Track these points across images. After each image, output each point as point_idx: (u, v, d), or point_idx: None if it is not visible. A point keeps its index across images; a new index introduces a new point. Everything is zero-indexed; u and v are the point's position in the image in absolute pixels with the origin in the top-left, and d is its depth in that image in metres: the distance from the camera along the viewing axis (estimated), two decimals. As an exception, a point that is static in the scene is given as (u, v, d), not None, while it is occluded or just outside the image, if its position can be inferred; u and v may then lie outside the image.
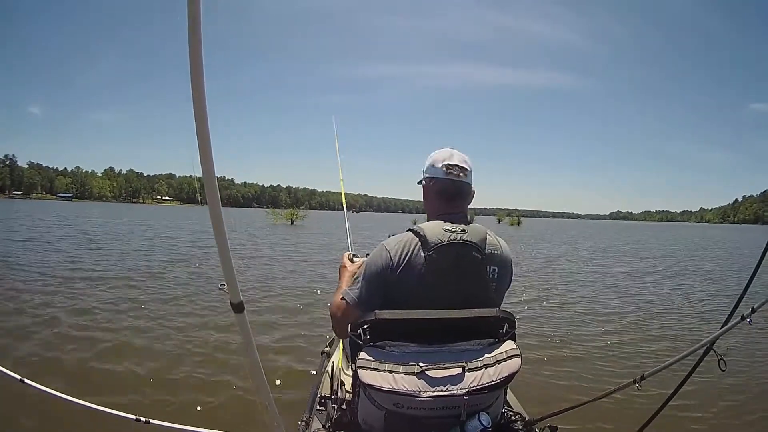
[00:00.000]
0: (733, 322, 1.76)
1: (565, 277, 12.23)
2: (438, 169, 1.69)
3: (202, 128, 0.97)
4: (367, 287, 1.60)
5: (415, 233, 1.59)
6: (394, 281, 1.56)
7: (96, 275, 9.23)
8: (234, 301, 1.25)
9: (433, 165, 1.70)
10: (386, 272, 1.56)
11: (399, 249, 1.57)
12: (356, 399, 1.58)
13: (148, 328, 5.63)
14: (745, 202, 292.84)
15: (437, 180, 1.70)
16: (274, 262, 13.13)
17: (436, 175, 1.70)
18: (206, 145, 0.99)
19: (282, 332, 5.78)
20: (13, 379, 2.05)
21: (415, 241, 1.57)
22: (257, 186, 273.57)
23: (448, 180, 1.68)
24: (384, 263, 1.57)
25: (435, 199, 1.72)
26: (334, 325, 1.73)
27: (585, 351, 5.58)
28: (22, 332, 5.16)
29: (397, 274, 1.55)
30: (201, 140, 0.99)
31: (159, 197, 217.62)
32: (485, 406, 1.49)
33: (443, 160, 1.68)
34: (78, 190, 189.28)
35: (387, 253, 1.57)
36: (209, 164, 1.02)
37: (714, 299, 9.74)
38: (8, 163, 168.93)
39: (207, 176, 1.03)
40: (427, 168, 1.73)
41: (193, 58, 0.89)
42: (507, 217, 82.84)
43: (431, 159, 1.72)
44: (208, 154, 1.00)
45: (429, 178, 1.73)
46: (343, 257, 2.05)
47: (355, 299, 1.60)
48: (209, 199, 1.07)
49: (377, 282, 1.58)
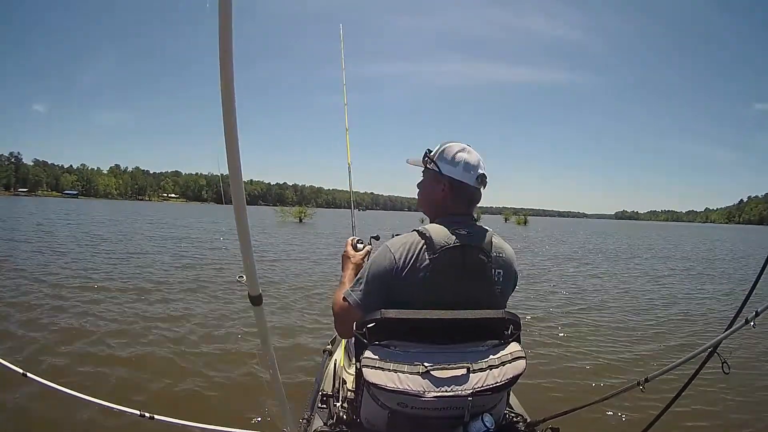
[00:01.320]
0: (737, 325, 1.75)
1: (581, 279, 12.18)
2: (470, 175, 1.62)
3: (230, 127, 1.00)
4: (370, 289, 1.57)
5: (421, 234, 1.56)
6: (398, 284, 1.53)
7: (104, 273, 9.17)
8: (253, 293, 1.28)
9: (465, 169, 1.62)
10: (390, 274, 1.53)
11: (404, 251, 1.54)
12: (359, 397, 1.58)
13: (152, 323, 5.62)
14: (750, 203, 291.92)
15: (467, 186, 1.64)
16: (281, 259, 13.14)
17: (465, 180, 1.62)
18: (233, 142, 1.03)
19: (285, 329, 5.78)
20: (16, 373, 2.06)
21: (421, 243, 1.54)
22: (263, 184, 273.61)
23: (477, 190, 1.66)
24: (388, 265, 1.54)
25: (454, 202, 1.66)
26: (336, 324, 1.71)
27: (588, 352, 5.55)
28: (25, 327, 5.17)
29: (401, 276, 1.53)
30: (228, 138, 1.02)
31: (165, 195, 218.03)
32: (489, 408, 1.49)
33: (476, 167, 1.63)
34: (84, 188, 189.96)
35: (391, 255, 1.54)
36: (236, 164, 1.05)
37: (718, 302, 9.69)
38: (13, 160, 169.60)
39: (233, 173, 1.07)
40: (454, 167, 1.63)
41: (223, 58, 0.92)
42: (513, 216, 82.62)
43: (460, 159, 1.63)
44: (235, 151, 1.04)
45: (456, 180, 1.63)
46: (347, 244, 2.00)
47: (358, 301, 1.58)
48: (234, 195, 1.12)
49: (380, 284, 1.56)
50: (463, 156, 1.63)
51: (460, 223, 1.59)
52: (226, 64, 0.92)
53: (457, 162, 1.63)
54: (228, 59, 0.92)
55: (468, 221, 1.63)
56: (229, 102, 0.97)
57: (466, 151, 1.64)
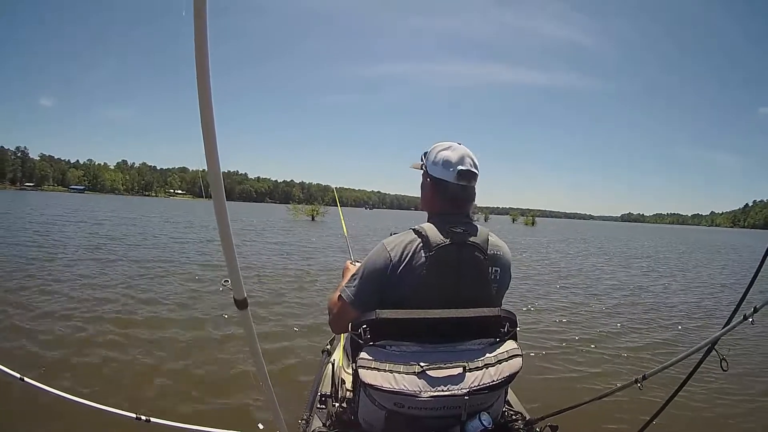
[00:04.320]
0: (735, 322, 1.74)
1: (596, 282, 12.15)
2: (449, 172, 1.60)
3: (208, 123, 0.95)
4: (365, 286, 1.58)
5: (417, 233, 1.56)
6: (393, 281, 1.54)
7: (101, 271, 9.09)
8: (238, 297, 1.23)
9: (443, 165, 1.61)
10: (385, 272, 1.54)
11: (400, 249, 1.54)
12: (357, 398, 1.58)
13: (148, 326, 5.54)
14: (755, 207, 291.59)
15: (446, 183, 1.61)
16: (284, 257, 13.11)
17: (445, 177, 1.61)
18: (211, 139, 0.97)
19: (283, 329, 5.73)
20: (13, 377, 2.03)
21: (417, 241, 1.54)
22: (270, 181, 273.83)
23: (459, 186, 1.61)
24: (383, 263, 1.55)
25: (439, 200, 1.65)
26: (329, 320, 1.72)
27: (586, 350, 5.56)
28: (22, 331, 5.06)
29: (396, 273, 1.53)
30: (206, 134, 0.96)
31: (172, 191, 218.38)
32: (486, 406, 1.50)
33: (456, 164, 1.60)
34: (90, 183, 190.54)
35: (387, 253, 1.55)
36: (214, 159, 0.99)
37: (716, 299, 9.73)
38: (20, 154, 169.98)
39: (212, 171, 1.01)
40: (435, 166, 1.63)
41: (198, 53, 0.87)
42: (521, 216, 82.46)
43: (439, 156, 1.63)
44: (213, 148, 0.98)
45: (437, 179, 1.63)
46: (347, 263, 2.14)
47: (352, 297, 1.58)
48: (214, 195, 1.05)
49: (375, 281, 1.56)
50: (444, 154, 1.62)
51: (455, 222, 1.59)
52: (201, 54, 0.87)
53: (438, 160, 1.63)
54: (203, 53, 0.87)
55: (462, 219, 1.62)
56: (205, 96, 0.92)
57: (450, 149, 1.63)
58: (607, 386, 2.40)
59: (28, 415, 3.20)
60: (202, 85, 0.91)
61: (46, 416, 3.16)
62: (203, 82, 0.91)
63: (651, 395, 3.17)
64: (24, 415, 3.21)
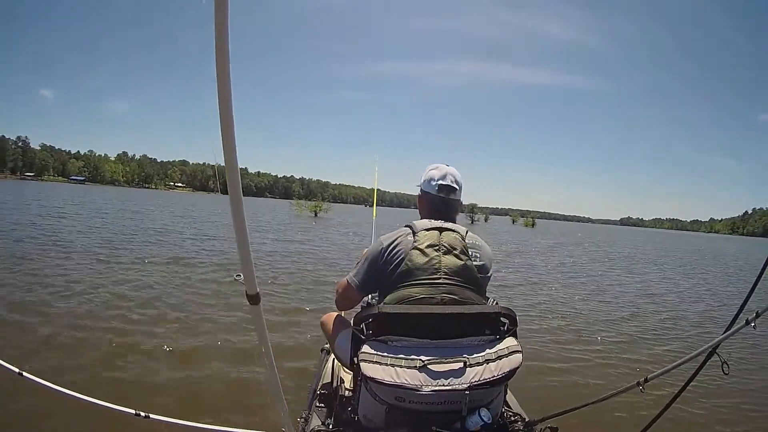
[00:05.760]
0: (737, 326, 1.76)
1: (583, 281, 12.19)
2: (432, 186, 1.96)
3: (226, 119, 0.95)
4: (364, 269, 1.84)
5: (407, 225, 1.84)
6: (387, 260, 1.75)
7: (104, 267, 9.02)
8: (250, 292, 1.23)
9: (429, 182, 1.98)
10: (379, 257, 1.77)
11: (392, 238, 1.80)
12: (357, 395, 1.63)
13: (150, 322, 5.50)
14: (755, 215, 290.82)
15: (432, 196, 1.96)
16: (285, 255, 12.90)
17: (429, 190, 1.97)
18: (230, 136, 0.97)
19: (282, 328, 5.65)
20: (12, 372, 2.05)
21: (406, 231, 1.81)
22: (270, 176, 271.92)
23: (438, 197, 1.95)
24: (378, 250, 1.80)
25: (427, 209, 1.99)
26: (335, 299, 2.01)
27: (588, 353, 5.57)
28: (21, 325, 5.02)
29: (389, 256, 1.75)
30: (225, 131, 0.96)
31: (172, 183, 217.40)
32: (486, 402, 1.53)
33: (438, 180, 1.96)
34: (90, 174, 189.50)
35: (380, 243, 1.81)
36: (232, 156, 0.99)
37: (718, 303, 9.74)
38: (21, 144, 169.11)
39: (229, 168, 1.00)
40: (424, 182, 2.00)
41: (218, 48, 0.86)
42: (521, 218, 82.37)
43: (427, 175, 2.00)
44: (232, 145, 0.98)
45: (424, 192, 2.00)
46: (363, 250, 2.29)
47: (354, 279, 1.87)
48: (231, 191, 1.04)
49: (372, 265, 1.80)
50: (431, 173, 2.00)
51: (438, 219, 1.88)
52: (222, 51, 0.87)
53: (426, 178, 2.00)
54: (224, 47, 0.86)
55: (445, 219, 1.89)
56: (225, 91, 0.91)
57: (437, 168, 2.00)
58: (608, 389, 2.42)
59: (26, 410, 3.15)
60: (222, 82, 0.91)
61: (45, 411, 3.11)
62: (223, 78, 0.90)
63: (652, 398, 3.20)
64: (22, 411, 3.15)
